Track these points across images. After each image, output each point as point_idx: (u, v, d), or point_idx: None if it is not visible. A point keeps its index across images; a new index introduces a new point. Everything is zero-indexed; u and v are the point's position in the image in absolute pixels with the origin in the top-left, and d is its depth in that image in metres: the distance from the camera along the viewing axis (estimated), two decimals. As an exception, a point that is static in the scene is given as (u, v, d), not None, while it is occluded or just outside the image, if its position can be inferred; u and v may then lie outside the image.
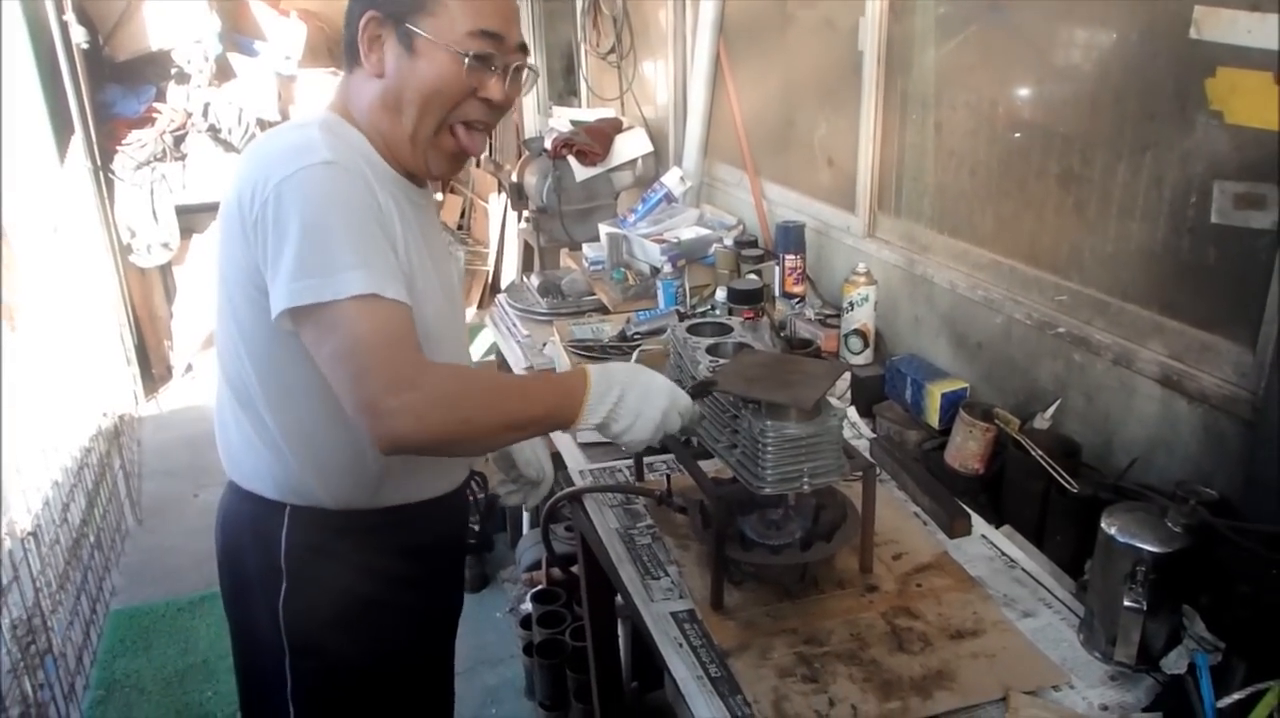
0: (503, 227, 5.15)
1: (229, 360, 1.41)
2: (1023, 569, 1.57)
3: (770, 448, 1.38)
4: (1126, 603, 1.29)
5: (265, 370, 1.37)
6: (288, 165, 1.24)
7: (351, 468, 1.42)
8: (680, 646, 1.41)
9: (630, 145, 3.68)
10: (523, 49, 1.42)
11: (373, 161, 1.37)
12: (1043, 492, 1.62)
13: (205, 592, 3.38)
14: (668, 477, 1.73)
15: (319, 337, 1.24)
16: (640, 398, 1.35)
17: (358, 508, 1.46)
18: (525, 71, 1.43)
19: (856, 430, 2.06)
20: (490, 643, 3.07)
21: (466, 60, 1.33)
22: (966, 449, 1.80)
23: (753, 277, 2.54)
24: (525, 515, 3.28)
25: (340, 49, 1.44)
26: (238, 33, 5.36)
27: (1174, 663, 1.31)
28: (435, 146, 1.40)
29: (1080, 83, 1.77)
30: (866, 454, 1.87)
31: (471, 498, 1.71)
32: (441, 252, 1.52)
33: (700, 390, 1.48)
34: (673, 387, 1.40)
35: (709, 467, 1.58)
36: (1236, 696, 1.21)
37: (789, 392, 1.40)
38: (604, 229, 3.11)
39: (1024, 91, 1.94)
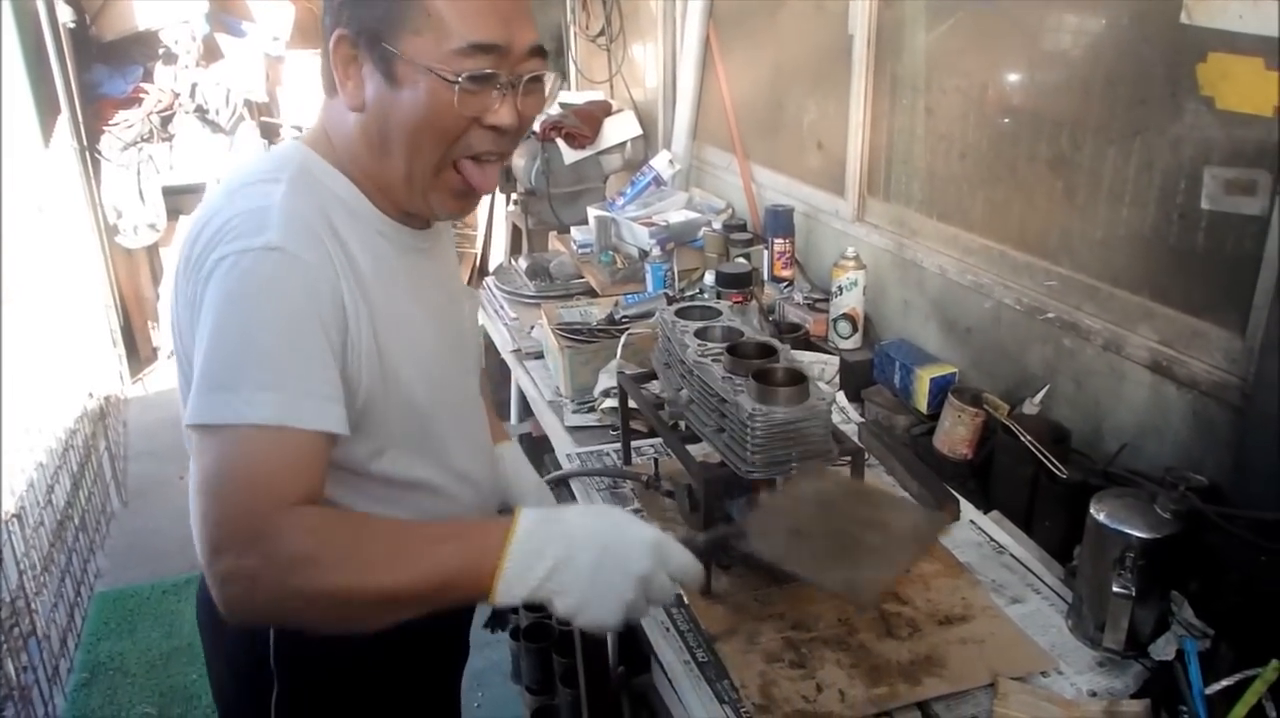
0: (491, 209, 5.12)
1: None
2: (1011, 555, 1.57)
3: (758, 432, 1.37)
4: (1115, 589, 1.29)
5: None
6: (231, 240, 1.03)
7: None
8: (668, 630, 1.41)
9: (619, 128, 3.65)
10: (536, 52, 1.14)
11: (356, 211, 1.15)
12: (1032, 477, 1.62)
13: (190, 574, 3.36)
14: (655, 460, 1.72)
15: (196, 454, 1.01)
16: (597, 563, 0.98)
17: None
18: (544, 78, 1.17)
19: (845, 415, 2.05)
20: (476, 627, 3.06)
21: (458, 87, 1.07)
22: (955, 434, 1.80)
23: (741, 260, 2.52)
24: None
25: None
26: (226, 13, 5.30)
27: (1162, 649, 1.32)
28: (437, 187, 1.16)
29: (1071, 67, 1.76)
30: (855, 439, 1.87)
31: None
32: (447, 297, 1.32)
33: (714, 547, 1.23)
34: (659, 541, 1.02)
35: (697, 450, 1.57)
36: (1225, 682, 1.21)
37: (846, 572, 1.07)
38: (592, 212, 3.10)
39: (1014, 76, 1.93)
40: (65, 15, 4.51)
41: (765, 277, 2.56)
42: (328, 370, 1.05)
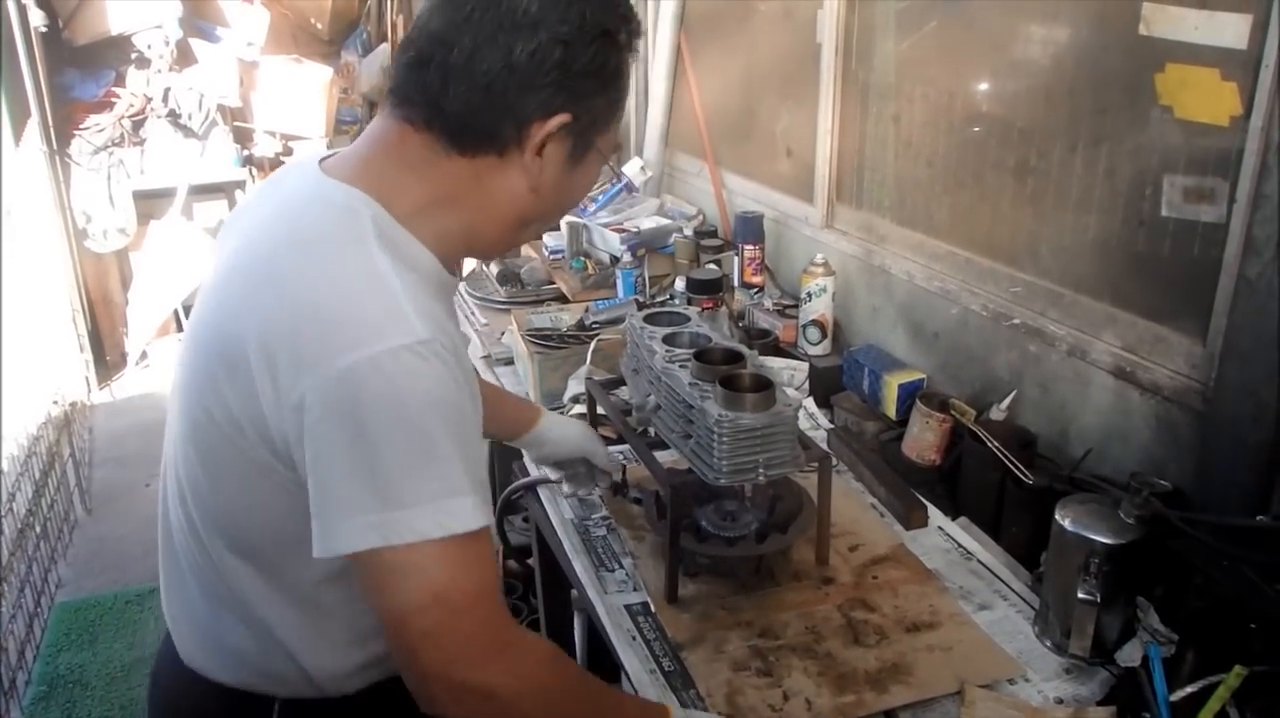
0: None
1: (217, 515, 1.07)
2: (979, 561, 1.57)
3: (725, 438, 1.37)
4: (1080, 595, 1.29)
5: (289, 552, 1.04)
6: (362, 343, 0.90)
7: (347, 640, 1.12)
8: (634, 639, 1.39)
9: (591, 134, 3.64)
10: None
11: (424, 267, 1.03)
12: (998, 483, 1.62)
13: (154, 583, 3.30)
14: (623, 467, 1.71)
15: (391, 575, 0.92)
16: None
17: (368, 686, 1.16)
18: None
19: (814, 421, 2.05)
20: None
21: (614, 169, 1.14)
22: (923, 440, 1.80)
23: (712, 266, 2.52)
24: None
25: (303, 35, 1.20)
26: (199, 18, 5.27)
27: (1128, 656, 1.32)
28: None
29: (1035, 76, 1.78)
30: (824, 445, 1.87)
31: None
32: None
33: None
34: None
35: (666, 457, 1.56)
36: (1190, 688, 1.21)
37: None
38: (564, 218, 3.08)
39: (981, 84, 1.94)
40: (37, 19, 4.48)
41: (735, 283, 2.56)
42: (483, 465, 1.01)
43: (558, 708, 1.01)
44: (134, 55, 5.03)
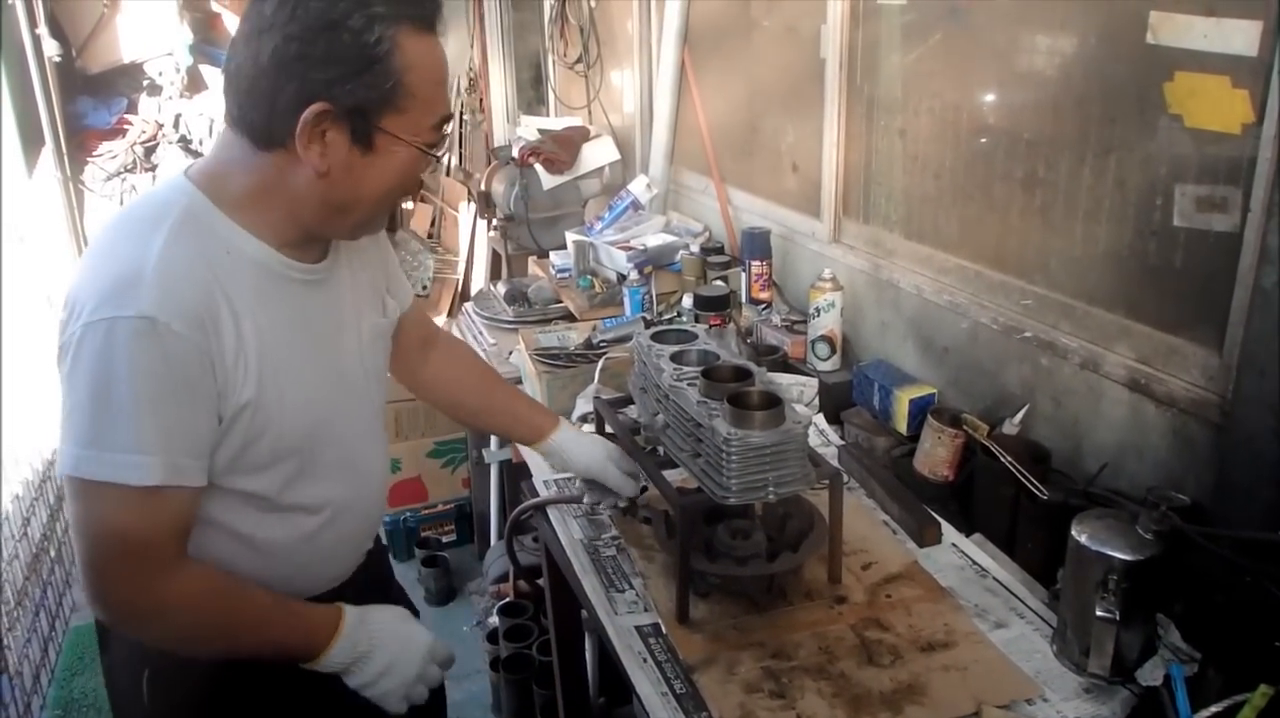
0: (472, 234, 5.12)
1: None
2: (994, 579, 1.55)
3: (734, 457, 1.35)
4: (1099, 613, 1.27)
5: None
6: (102, 305, 1.09)
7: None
8: (645, 661, 1.38)
9: (597, 153, 3.65)
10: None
11: (244, 260, 1.19)
12: (1013, 498, 1.60)
13: (167, 609, 3.31)
14: (643, 489, 1.69)
15: (77, 498, 1.13)
16: (389, 663, 1.30)
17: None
18: None
19: (825, 438, 2.03)
20: (457, 658, 3.01)
21: (431, 153, 1.21)
22: (935, 456, 1.78)
23: (719, 283, 2.51)
24: (493, 526, 3.23)
25: None
26: (209, 44, 5.32)
27: (1149, 674, 1.29)
28: (378, 221, 1.31)
29: (1042, 87, 1.76)
30: (835, 462, 1.85)
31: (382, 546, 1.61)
32: (342, 322, 1.35)
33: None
34: (431, 647, 1.37)
35: (675, 476, 1.54)
36: (1213, 708, 1.18)
37: None
38: (571, 237, 3.08)
39: (987, 96, 1.92)
40: (51, 49, 4.53)
41: (743, 299, 2.55)
42: (198, 430, 1.15)
43: (208, 624, 1.21)
44: (145, 82, 5.10)
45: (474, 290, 4.81)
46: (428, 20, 1.17)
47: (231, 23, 5.35)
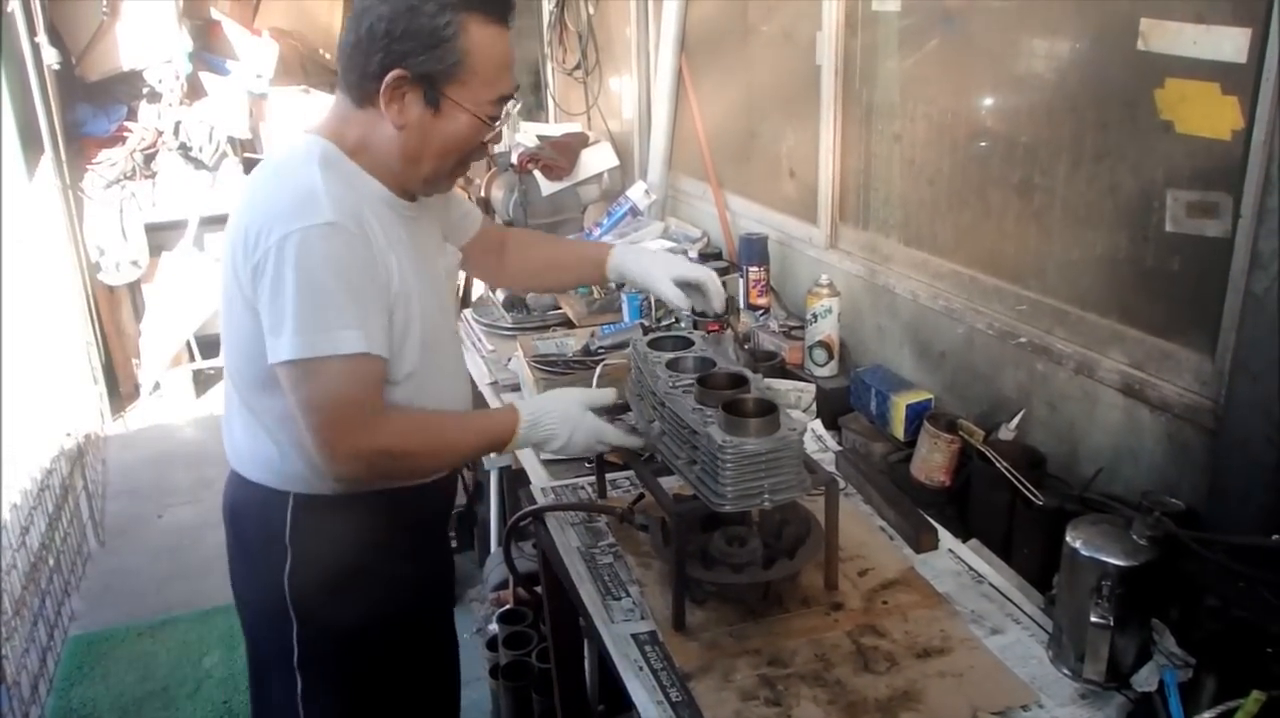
0: (473, 241, 5.14)
1: (232, 358, 1.55)
2: (990, 584, 1.55)
3: (729, 464, 1.35)
4: (1094, 619, 1.27)
5: (265, 373, 1.45)
6: (291, 221, 1.36)
7: None
8: (641, 669, 1.38)
9: (596, 159, 3.66)
10: (517, 87, 1.55)
11: (369, 191, 1.48)
12: (1008, 504, 1.60)
13: (166, 615, 3.32)
14: (640, 495, 1.69)
15: (300, 381, 1.39)
16: (559, 421, 1.58)
17: (352, 493, 1.56)
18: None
19: (822, 443, 2.04)
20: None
21: (489, 123, 1.47)
22: (932, 461, 1.78)
23: (718, 289, 2.51)
24: (493, 533, 3.23)
25: (312, 66, 1.50)
26: (209, 52, 5.32)
27: (1144, 680, 1.29)
28: (446, 179, 1.57)
29: (1036, 93, 1.77)
30: (832, 467, 1.85)
31: (461, 477, 1.89)
32: (433, 254, 1.64)
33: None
34: (586, 398, 1.64)
35: (671, 483, 1.55)
36: (1207, 714, 1.18)
37: None
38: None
39: (981, 102, 1.93)
40: (50, 57, 4.52)
41: (741, 305, 2.55)
42: (383, 314, 1.43)
43: (413, 456, 1.51)
44: (145, 90, 5.09)
45: (474, 297, 4.82)
46: (496, 13, 1.43)
47: (231, 30, 5.35)
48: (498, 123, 1.49)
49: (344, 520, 1.58)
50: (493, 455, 2.84)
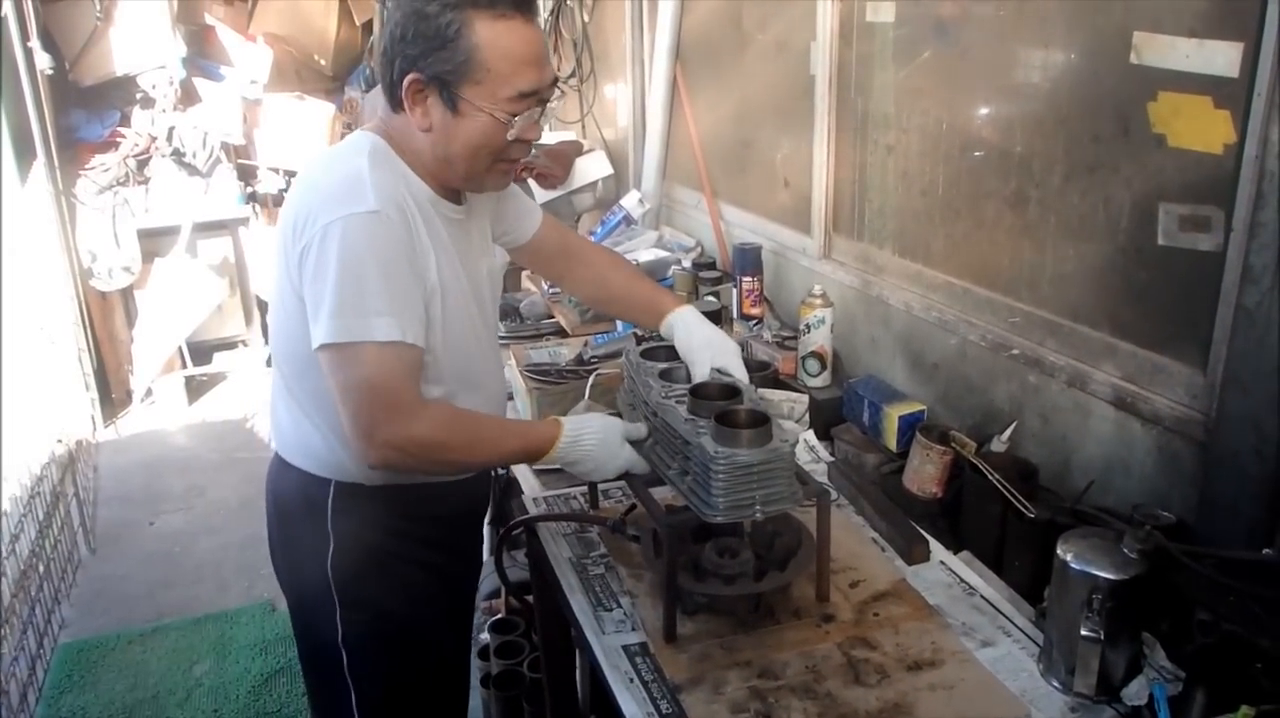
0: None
1: (279, 342, 1.59)
2: (982, 597, 1.55)
3: (721, 475, 1.35)
4: (1084, 632, 1.27)
5: (308, 358, 1.48)
6: (335, 208, 1.40)
7: None
8: (631, 680, 1.37)
9: (591, 168, 3.66)
10: (555, 82, 1.55)
11: (414, 189, 1.51)
12: (1000, 516, 1.60)
13: (158, 622, 3.30)
14: (632, 506, 1.69)
15: (338, 366, 1.42)
16: (596, 453, 1.56)
17: (391, 483, 1.61)
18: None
19: (815, 454, 2.04)
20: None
21: (508, 120, 1.45)
22: (924, 473, 1.78)
23: (711, 298, 2.52)
24: (485, 542, 3.22)
25: (306, 72, 1.52)
26: (203, 57, 5.32)
27: (1135, 694, 1.29)
28: (487, 177, 1.55)
29: (1029, 105, 1.77)
30: (825, 478, 1.85)
31: (494, 475, 1.96)
32: (475, 256, 1.65)
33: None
34: (624, 430, 1.59)
35: (664, 494, 1.54)
36: (1194, 727, 1.18)
37: None
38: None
39: (974, 114, 1.94)
40: (43, 62, 4.51)
41: (734, 314, 2.55)
42: (420, 305, 1.47)
43: (450, 449, 1.50)
44: (139, 95, 5.08)
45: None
46: (502, 7, 1.41)
47: (225, 35, 5.35)
48: (518, 119, 1.46)
49: (382, 511, 1.63)
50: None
